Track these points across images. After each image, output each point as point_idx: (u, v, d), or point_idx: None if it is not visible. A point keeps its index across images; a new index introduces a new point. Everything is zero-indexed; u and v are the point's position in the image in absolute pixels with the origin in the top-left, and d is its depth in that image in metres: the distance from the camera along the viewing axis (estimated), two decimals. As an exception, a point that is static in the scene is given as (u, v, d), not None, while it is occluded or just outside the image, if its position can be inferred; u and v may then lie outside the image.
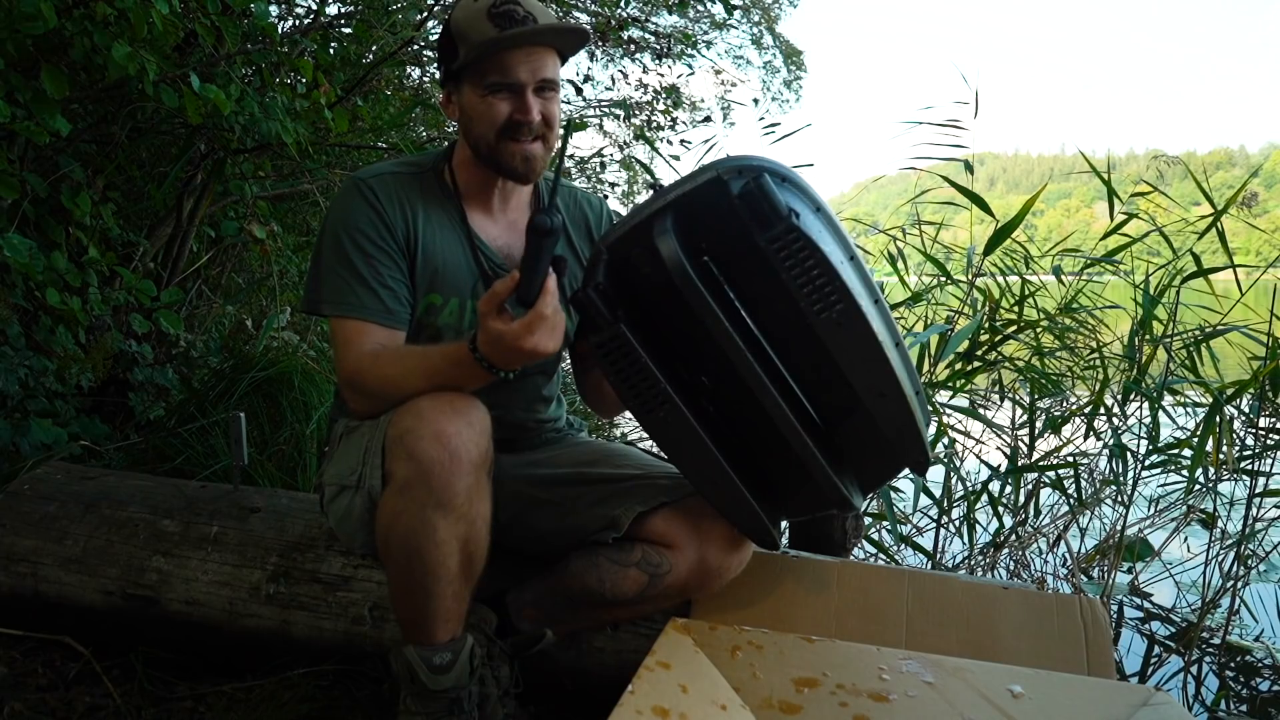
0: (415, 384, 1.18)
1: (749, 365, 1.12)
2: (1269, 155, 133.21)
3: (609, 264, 1.14)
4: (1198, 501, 2.40)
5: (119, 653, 1.54)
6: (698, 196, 1.10)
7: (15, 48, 1.86)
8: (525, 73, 1.27)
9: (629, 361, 1.13)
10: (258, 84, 2.45)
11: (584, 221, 1.49)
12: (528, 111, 1.28)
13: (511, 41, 1.24)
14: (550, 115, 1.31)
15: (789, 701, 1.14)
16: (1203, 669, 2.10)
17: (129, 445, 2.36)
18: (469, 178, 1.38)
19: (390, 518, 1.14)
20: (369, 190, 1.32)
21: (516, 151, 1.30)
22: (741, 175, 1.08)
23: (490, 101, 1.28)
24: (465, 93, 1.31)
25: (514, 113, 1.28)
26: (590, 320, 1.13)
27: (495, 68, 1.26)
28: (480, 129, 1.30)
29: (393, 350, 1.28)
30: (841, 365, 1.12)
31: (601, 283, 1.11)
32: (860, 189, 4.66)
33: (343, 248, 1.30)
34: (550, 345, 1.09)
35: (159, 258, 2.86)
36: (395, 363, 1.24)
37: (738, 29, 9.47)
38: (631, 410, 1.20)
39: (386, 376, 1.23)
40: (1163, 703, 1.12)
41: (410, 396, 1.16)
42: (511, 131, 1.29)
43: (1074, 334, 2.56)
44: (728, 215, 1.08)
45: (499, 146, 1.30)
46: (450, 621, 1.19)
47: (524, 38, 1.25)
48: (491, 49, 1.25)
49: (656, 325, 1.17)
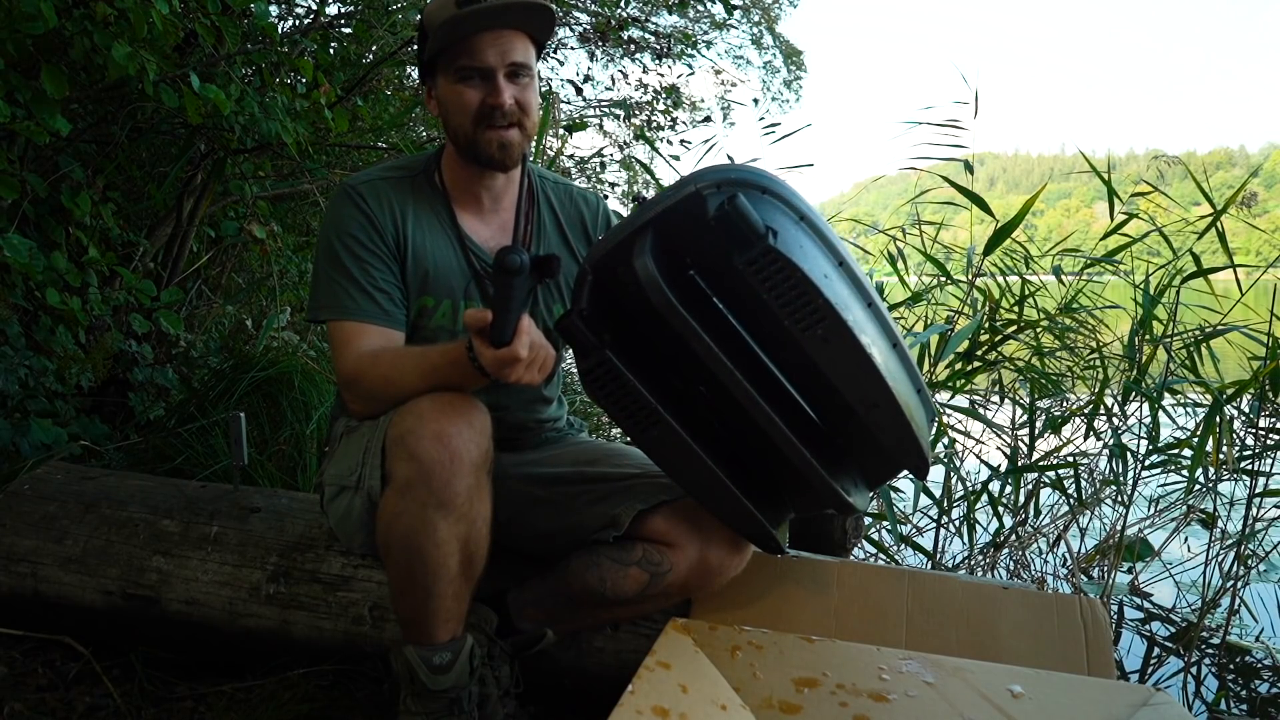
0: (413, 384, 1.18)
1: (738, 382, 1.11)
2: (1269, 155, 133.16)
3: (594, 282, 1.12)
4: (1198, 501, 2.40)
5: (119, 653, 1.54)
6: (678, 212, 1.08)
7: (15, 48, 1.86)
8: (493, 56, 1.26)
9: (617, 385, 1.11)
10: (258, 84, 2.44)
11: (580, 220, 1.49)
12: (499, 95, 1.27)
13: (474, 19, 1.24)
14: (525, 101, 1.30)
15: (789, 701, 1.14)
16: (1202, 669, 2.10)
17: (129, 445, 2.36)
18: (456, 177, 1.38)
19: (391, 518, 1.14)
20: (358, 195, 1.33)
21: (493, 138, 1.30)
22: (720, 190, 1.06)
23: (461, 89, 1.28)
24: (440, 84, 1.31)
25: (486, 98, 1.28)
26: (577, 347, 1.11)
27: (464, 51, 1.26)
28: (457, 118, 1.31)
29: (391, 351, 1.28)
30: (832, 379, 1.11)
31: (585, 308, 1.10)
32: (860, 189, 4.66)
33: (335, 253, 1.31)
34: (533, 378, 1.10)
35: (159, 258, 2.86)
36: (393, 364, 1.24)
37: (738, 29, 9.48)
38: (624, 431, 1.19)
39: (385, 377, 1.23)
40: (1163, 702, 1.12)
41: (409, 397, 1.16)
42: (487, 118, 1.28)
43: (1074, 334, 2.56)
44: (709, 230, 1.06)
45: (475, 135, 1.30)
46: (450, 621, 1.19)
47: (485, 14, 1.24)
48: (454, 27, 1.24)
49: (649, 336, 1.15)
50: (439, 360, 1.17)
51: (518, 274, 1.00)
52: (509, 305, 1.02)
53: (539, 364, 1.10)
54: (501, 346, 1.03)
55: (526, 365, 1.07)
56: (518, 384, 1.09)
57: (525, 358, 1.05)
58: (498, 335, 1.03)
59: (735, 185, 1.06)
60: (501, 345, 1.03)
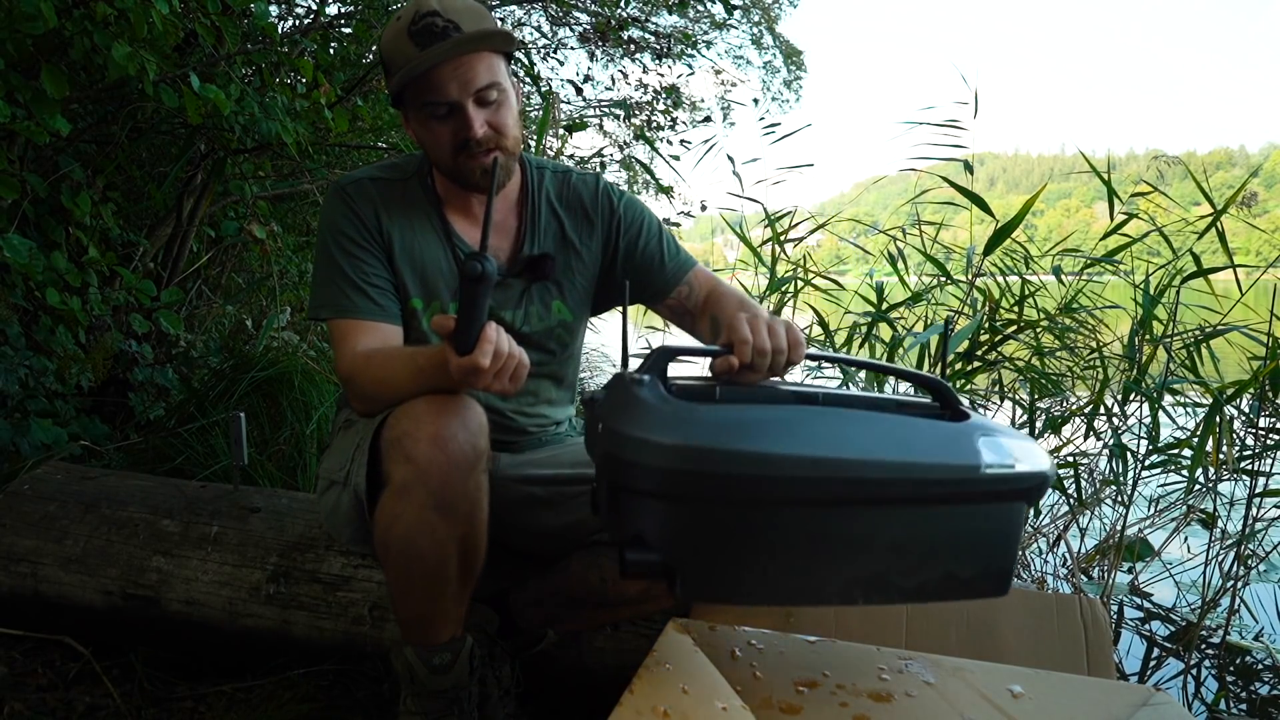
0: (405, 386, 1.17)
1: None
2: (1269, 155, 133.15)
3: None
4: (1198, 501, 2.40)
5: (119, 653, 1.54)
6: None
7: (15, 48, 1.86)
8: (456, 89, 1.22)
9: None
10: (258, 84, 2.45)
11: (579, 203, 1.44)
12: (469, 127, 1.23)
13: (429, 60, 1.20)
14: (499, 122, 1.25)
15: (789, 702, 1.14)
16: (1202, 669, 2.10)
17: (129, 445, 2.36)
18: (445, 183, 1.36)
19: (389, 520, 1.14)
20: (346, 195, 1.33)
21: (475, 166, 1.26)
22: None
23: (432, 126, 1.25)
24: (411, 117, 1.28)
25: (457, 131, 1.24)
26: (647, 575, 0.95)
27: (426, 88, 1.22)
28: (434, 152, 1.28)
29: (384, 351, 1.27)
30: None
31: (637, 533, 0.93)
32: (860, 189, 4.66)
33: (329, 251, 1.31)
34: (503, 387, 1.05)
35: (159, 258, 2.86)
36: (385, 365, 1.23)
37: (738, 29, 9.49)
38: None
39: (377, 379, 1.22)
40: (1162, 703, 1.12)
41: (402, 398, 1.15)
42: (463, 149, 1.25)
43: (1074, 334, 2.56)
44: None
45: (457, 165, 1.27)
46: (450, 622, 1.19)
47: (441, 53, 1.20)
48: (411, 72, 1.20)
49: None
50: (425, 363, 1.16)
51: (480, 281, 0.96)
52: (471, 313, 0.99)
53: (508, 372, 1.05)
54: (464, 355, 1.01)
55: (494, 375, 1.03)
56: (488, 392, 1.06)
57: (488, 367, 1.01)
58: (460, 344, 1.00)
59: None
60: (464, 354, 1.01)
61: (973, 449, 0.95)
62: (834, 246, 3.78)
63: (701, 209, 5.33)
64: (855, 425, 0.94)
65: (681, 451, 0.87)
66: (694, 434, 0.88)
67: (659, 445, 0.88)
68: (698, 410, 0.90)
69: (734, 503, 0.90)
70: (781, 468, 0.88)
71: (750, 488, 0.88)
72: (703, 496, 0.89)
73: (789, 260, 2.78)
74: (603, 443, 0.93)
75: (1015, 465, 0.96)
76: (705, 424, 0.89)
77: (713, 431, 0.88)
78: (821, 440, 0.91)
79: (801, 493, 0.90)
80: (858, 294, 2.76)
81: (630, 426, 0.90)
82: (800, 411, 0.95)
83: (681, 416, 0.89)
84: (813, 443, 0.90)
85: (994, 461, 0.95)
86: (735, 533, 0.91)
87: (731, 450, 0.87)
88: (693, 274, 1.43)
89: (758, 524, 0.91)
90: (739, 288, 1.42)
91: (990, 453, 0.95)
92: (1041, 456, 1.00)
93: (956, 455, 0.94)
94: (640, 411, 0.91)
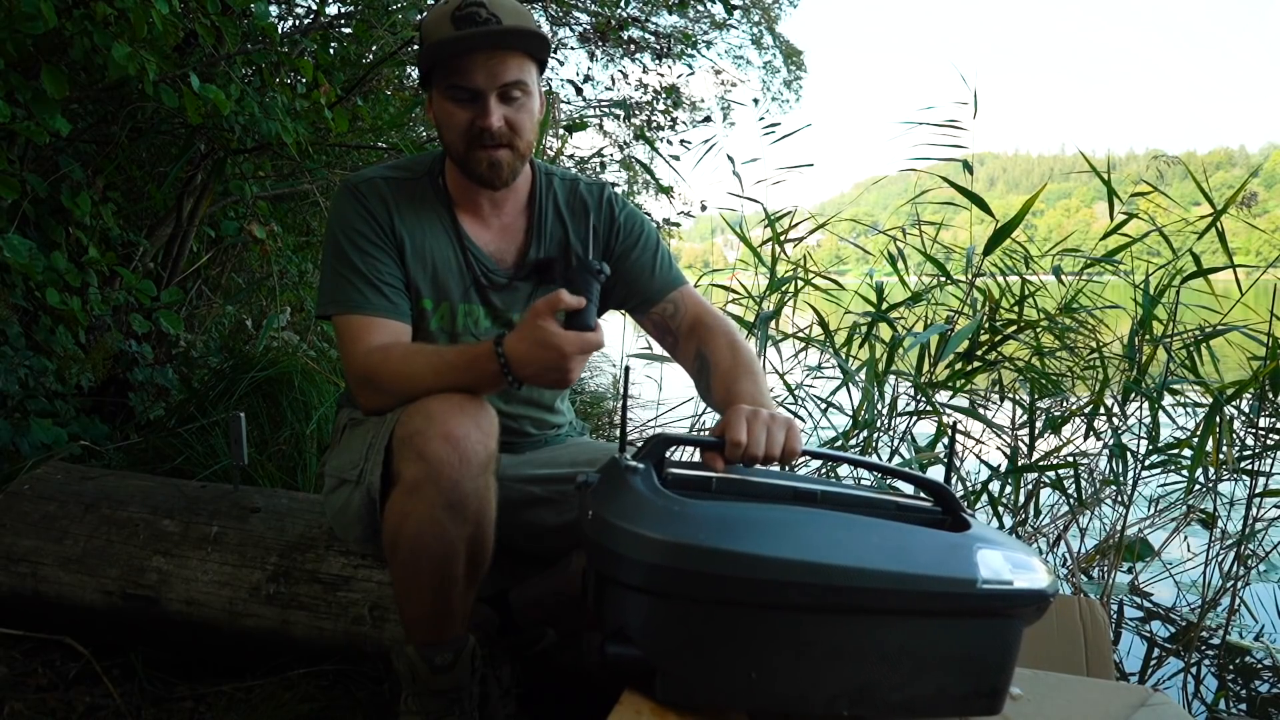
0: (427, 381, 1.17)
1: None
2: (1269, 155, 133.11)
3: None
4: (1198, 501, 2.40)
5: (119, 653, 1.54)
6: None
7: (15, 48, 1.86)
8: (483, 77, 1.23)
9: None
10: (258, 84, 2.44)
11: (584, 210, 1.45)
12: (487, 117, 1.24)
13: (465, 43, 1.21)
14: (517, 122, 1.27)
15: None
16: (1202, 669, 2.10)
17: (129, 445, 2.36)
18: (457, 182, 1.36)
19: (399, 518, 1.14)
20: (359, 193, 1.32)
21: (483, 158, 1.27)
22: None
23: (451, 108, 1.26)
24: (434, 96, 1.29)
25: (475, 119, 1.25)
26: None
27: (455, 71, 1.24)
28: (448, 135, 1.29)
29: (403, 347, 1.27)
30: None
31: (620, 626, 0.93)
32: (860, 189, 4.67)
33: (340, 249, 1.30)
34: (578, 370, 1.13)
35: (159, 258, 2.86)
36: (405, 359, 1.23)
37: (738, 29, 9.49)
38: None
39: (397, 373, 1.22)
40: (1161, 703, 1.12)
41: (421, 394, 1.16)
42: (477, 139, 1.26)
43: (1074, 334, 2.56)
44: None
45: (466, 153, 1.28)
46: (454, 621, 1.19)
47: (477, 39, 1.21)
48: (443, 51, 1.22)
49: None
50: (456, 360, 1.17)
51: (599, 276, 1.16)
52: (594, 300, 1.14)
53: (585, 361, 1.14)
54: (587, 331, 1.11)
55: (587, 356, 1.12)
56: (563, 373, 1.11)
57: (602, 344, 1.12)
58: (585, 321, 1.12)
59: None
60: (587, 330, 1.11)
61: (970, 562, 0.93)
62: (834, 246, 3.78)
63: (701, 209, 5.34)
64: (851, 530, 0.91)
65: (670, 548, 0.86)
66: (684, 530, 0.86)
67: (648, 540, 0.86)
68: (690, 506, 0.89)
69: (721, 603, 0.87)
70: (772, 571, 0.86)
71: (739, 589, 0.86)
72: (689, 595, 0.87)
73: (789, 260, 2.78)
74: (593, 531, 0.92)
75: (1013, 582, 0.94)
76: (696, 520, 0.87)
77: (704, 529, 0.86)
78: (815, 544, 0.88)
79: (791, 598, 0.87)
80: (858, 294, 2.76)
81: (620, 518, 0.88)
82: (795, 513, 0.93)
83: (673, 511, 0.88)
84: (806, 547, 0.88)
85: (991, 577, 0.93)
86: (720, 634, 0.88)
87: (721, 550, 0.85)
88: (680, 292, 1.43)
89: (744, 627, 0.88)
90: (730, 321, 1.41)
91: (988, 567, 0.93)
92: (1041, 573, 0.97)
93: (953, 568, 0.92)
94: (631, 503, 0.89)
